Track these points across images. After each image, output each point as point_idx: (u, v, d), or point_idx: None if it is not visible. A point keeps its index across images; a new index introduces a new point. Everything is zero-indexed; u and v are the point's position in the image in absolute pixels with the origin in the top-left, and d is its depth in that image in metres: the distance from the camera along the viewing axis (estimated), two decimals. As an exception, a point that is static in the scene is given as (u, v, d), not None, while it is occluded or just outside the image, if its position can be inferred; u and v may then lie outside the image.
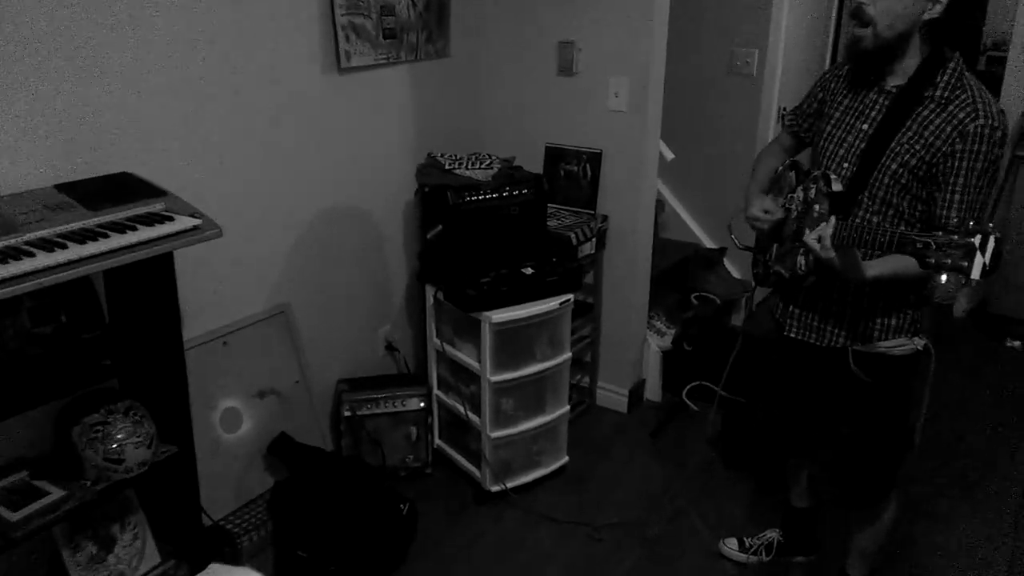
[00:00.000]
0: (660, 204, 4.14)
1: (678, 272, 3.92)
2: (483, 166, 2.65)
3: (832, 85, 1.91)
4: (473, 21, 3.04)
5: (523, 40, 3.06)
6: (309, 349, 2.62)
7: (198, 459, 2.04)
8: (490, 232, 2.58)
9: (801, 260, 1.82)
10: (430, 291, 2.72)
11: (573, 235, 2.87)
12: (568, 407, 2.79)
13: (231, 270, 2.34)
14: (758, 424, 2.72)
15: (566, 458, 2.85)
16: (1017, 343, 3.91)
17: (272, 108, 2.35)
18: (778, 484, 2.49)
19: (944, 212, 1.67)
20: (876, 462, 1.97)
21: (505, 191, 2.59)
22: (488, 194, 2.56)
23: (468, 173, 2.60)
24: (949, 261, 1.38)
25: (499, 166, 2.67)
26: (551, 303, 2.60)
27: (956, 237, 1.38)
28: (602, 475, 2.85)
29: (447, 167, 2.62)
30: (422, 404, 2.74)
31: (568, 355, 2.72)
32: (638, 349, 3.28)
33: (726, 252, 4.02)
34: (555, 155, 3.12)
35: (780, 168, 2.04)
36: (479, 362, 2.57)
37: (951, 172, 1.64)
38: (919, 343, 1.85)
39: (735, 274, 4.04)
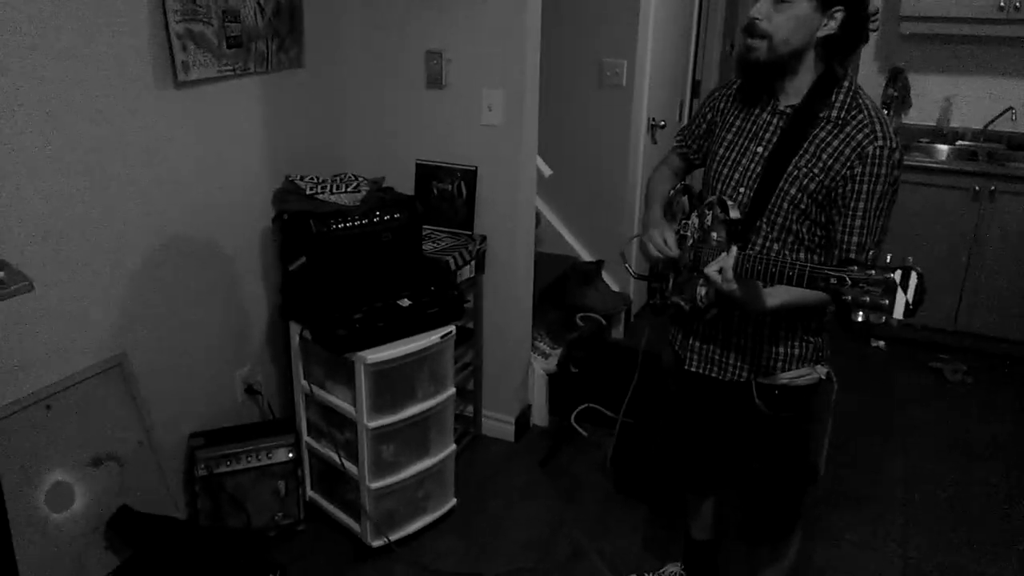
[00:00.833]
0: (536, 217, 4.02)
1: (557, 288, 3.80)
2: (349, 189, 2.40)
3: (722, 105, 1.81)
4: (330, 28, 2.78)
5: (387, 49, 2.83)
6: (154, 402, 2.28)
7: (18, 547, 1.68)
8: (360, 262, 2.34)
9: (701, 291, 1.70)
10: (295, 329, 2.44)
11: (451, 259, 2.67)
12: (454, 446, 2.58)
13: (52, 322, 1.98)
14: (653, 452, 2.61)
15: (454, 500, 2.64)
16: (881, 343, 4.04)
17: (95, 131, 2.00)
18: (676, 510, 2.39)
19: (845, 238, 1.59)
20: (782, 497, 1.89)
21: (375, 216, 2.36)
22: (356, 220, 2.31)
23: (333, 198, 2.35)
24: (867, 299, 1.27)
25: (367, 189, 2.43)
26: (432, 337, 2.39)
27: (873, 272, 1.27)
28: (493, 514, 2.66)
29: (308, 191, 2.35)
30: (290, 455, 2.45)
31: (452, 391, 2.51)
32: (523, 374, 3.11)
33: (604, 265, 3.95)
34: (427, 173, 2.91)
35: (672, 192, 1.93)
36: (355, 407, 2.32)
37: (851, 196, 1.56)
38: (822, 371, 1.78)
39: (614, 287, 3.97)
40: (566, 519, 2.65)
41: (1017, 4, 3.69)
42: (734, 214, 1.65)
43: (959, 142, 4.18)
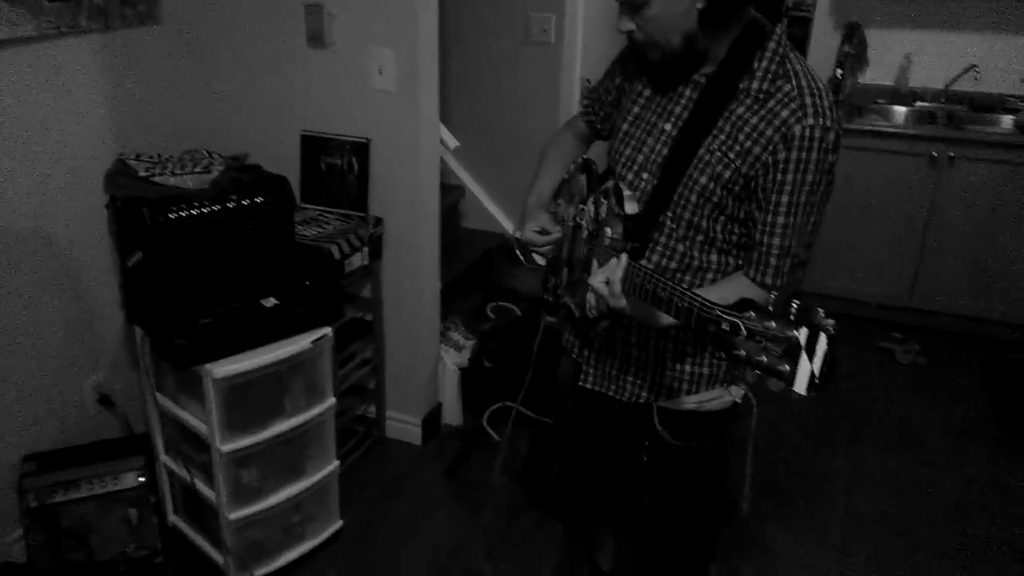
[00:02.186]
0: (459, 190, 3.68)
1: (482, 268, 3.47)
2: (198, 169, 2.03)
3: (631, 68, 1.48)
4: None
5: (261, 1, 2.43)
6: (-29, 425, 1.93)
7: None
8: (212, 256, 1.98)
9: (591, 299, 1.37)
10: (139, 334, 2.09)
11: (336, 247, 2.32)
12: (337, 463, 2.26)
13: None
14: (555, 475, 2.32)
15: (340, 522, 2.33)
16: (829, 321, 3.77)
17: None
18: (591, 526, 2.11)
19: (766, 239, 1.29)
20: (690, 538, 1.60)
21: (231, 201, 1.99)
22: (205, 207, 1.95)
23: (174, 180, 1.98)
24: (764, 359, 0.96)
25: (221, 168, 2.06)
26: (302, 341, 2.05)
27: (773, 325, 0.96)
28: (386, 537, 2.36)
29: (143, 173, 1.98)
30: (141, 479, 2.12)
31: (331, 401, 2.18)
32: (431, 369, 2.79)
33: (514, 242, 3.61)
34: (314, 146, 2.54)
35: (572, 167, 1.58)
36: (207, 426, 1.99)
37: (773, 188, 1.26)
38: (736, 393, 1.48)
39: (524, 259, 3.64)
40: (469, 538, 2.36)
41: (982, -49, 3.35)
42: (630, 208, 1.34)
43: (918, 103, 3.87)
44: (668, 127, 1.36)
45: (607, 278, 1.24)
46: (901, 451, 2.82)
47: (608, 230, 1.37)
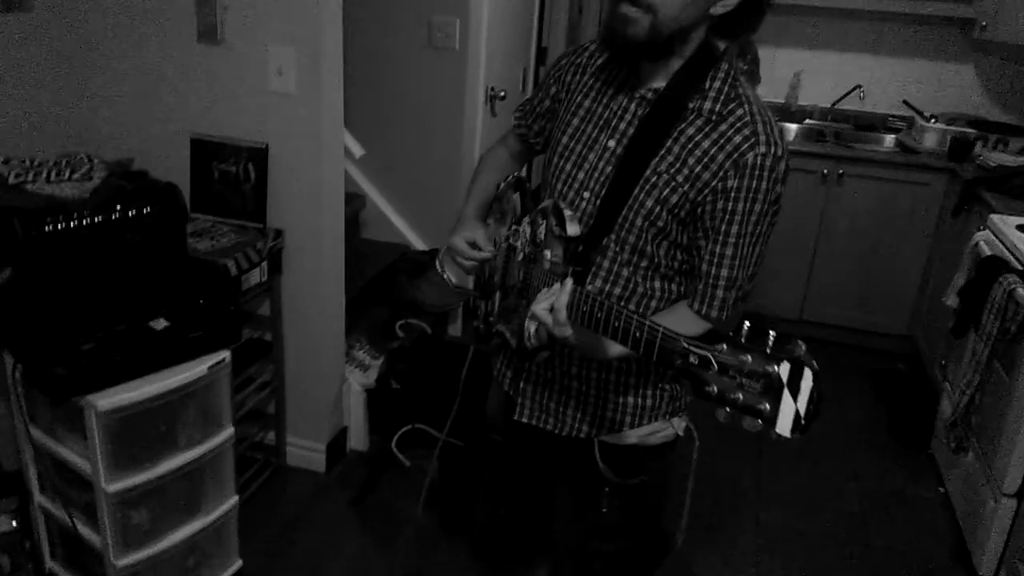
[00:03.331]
0: (360, 199, 3.52)
1: (385, 282, 3.32)
2: (76, 176, 1.81)
3: (569, 78, 1.39)
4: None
5: (146, -8, 2.22)
6: None
7: None
8: (94, 274, 1.77)
9: (531, 327, 1.28)
10: (9, 361, 1.84)
11: (233, 262, 2.14)
12: (236, 498, 2.07)
13: None
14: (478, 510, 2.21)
15: (239, 561, 2.13)
16: (730, 333, 3.84)
17: None
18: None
19: (713, 270, 1.22)
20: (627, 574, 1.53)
21: (115, 211, 1.78)
22: (85, 218, 1.73)
23: (49, 188, 1.75)
24: (740, 397, 0.88)
25: (103, 175, 1.85)
26: (197, 367, 1.86)
27: (750, 359, 0.88)
28: (292, 573, 2.19)
29: (13, 181, 1.75)
30: (13, 523, 1.88)
31: (230, 431, 1.99)
32: (336, 391, 2.63)
33: (440, 253, 3.49)
34: (206, 151, 2.34)
35: (502, 185, 1.48)
36: (90, 464, 1.76)
37: (722, 217, 1.19)
38: (679, 425, 1.43)
39: (452, 279, 3.53)
40: (377, 573, 2.22)
41: (868, -23, 3.51)
42: (572, 229, 1.24)
43: (807, 121, 4.02)
44: (612, 144, 1.27)
45: (551, 304, 1.15)
46: (803, 466, 2.88)
47: (548, 253, 1.27)
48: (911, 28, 3.87)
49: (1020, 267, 2.31)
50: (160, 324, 1.86)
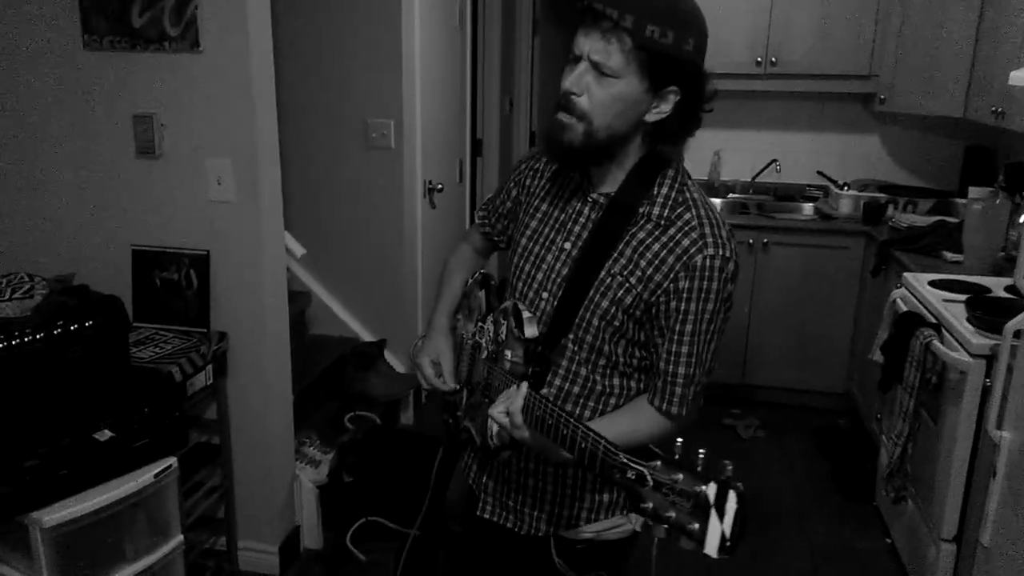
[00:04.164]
0: (306, 296, 3.58)
1: (334, 376, 3.35)
2: (18, 295, 1.85)
3: (528, 181, 1.46)
4: (9, 84, 2.23)
5: (85, 110, 2.30)
6: None
7: None
8: (37, 390, 1.78)
9: (493, 427, 1.33)
10: (-53, 485, 1.82)
11: (177, 368, 2.16)
12: (188, 608, 2.05)
13: None
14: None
15: (193, 675, 2.09)
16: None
17: None
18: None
19: (670, 368, 1.28)
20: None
21: (56, 327, 1.82)
22: (27, 335, 1.76)
23: (-10, 308, 1.79)
24: (673, 515, 0.94)
25: (43, 292, 1.88)
26: (144, 476, 1.87)
27: (681, 478, 0.94)
28: None
29: (-47, 303, 1.78)
30: (-48, 655, 1.81)
31: (179, 539, 1.99)
32: (287, 491, 2.62)
33: (386, 344, 3.55)
34: (147, 261, 2.38)
35: (469, 282, 1.55)
36: (33, 585, 1.74)
37: (676, 317, 1.25)
38: (636, 521, 1.46)
39: (399, 368, 3.58)
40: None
41: (773, 59, 3.78)
42: (530, 331, 1.31)
43: (730, 195, 4.24)
44: (568, 246, 1.33)
45: (507, 408, 1.20)
46: (754, 524, 2.92)
47: (508, 353, 1.33)
48: (818, 105, 4.16)
49: (934, 321, 2.46)
50: (104, 435, 1.87)
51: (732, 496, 0.90)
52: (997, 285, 2.62)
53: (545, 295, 1.35)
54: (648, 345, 1.31)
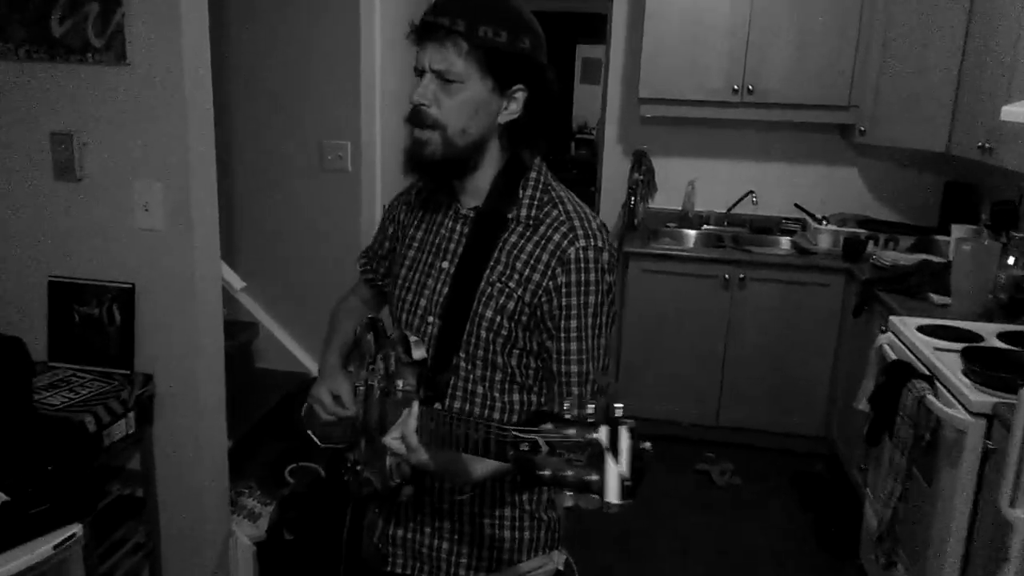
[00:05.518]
0: (253, 328, 3.34)
1: (282, 415, 3.10)
2: None
3: (401, 215, 1.46)
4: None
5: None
6: None
7: None
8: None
9: (391, 464, 1.26)
10: None
11: (91, 417, 1.91)
12: None
13: None
14: None
15: None
16: (647, 444, 3.73)
17: None
18: None
19: (563, 368, 1.26)
20: None
21: (-59, 375, 1.57)
22: (-98, 386, 1.51)
23: None
24: (570, 473, 0.87)
25: (-73, 335, 1.63)
26: (41, 548, 1.62)
27: (573, 432, 0.88)
28: None
29: None
30: None
31: (82, 618, 1.74)
32: (220, 548, 2.37)
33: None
34: (65, 293, 2.14)
35: (359, 329, 1.47)
36: None
37: (560, 314, 1.25)
38: (559, 559, 1.39)
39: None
40: None
41: (750, 87, 3.64)
42: (417, 353, 1.27)
43: (704, 226, 4.08)
44: (446, 265, 1.33)
45: (401, 432, 1.15)
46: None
47: (400, 383, 1.28)
48: (795, 135, 4.02)
49: (927, 372, 2.29)
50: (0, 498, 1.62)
51: (624, 433, 0.85)
52: (989, 332, 2.46)
53: (431, 319, 1.33)
54: (542, 354, 1.30)
